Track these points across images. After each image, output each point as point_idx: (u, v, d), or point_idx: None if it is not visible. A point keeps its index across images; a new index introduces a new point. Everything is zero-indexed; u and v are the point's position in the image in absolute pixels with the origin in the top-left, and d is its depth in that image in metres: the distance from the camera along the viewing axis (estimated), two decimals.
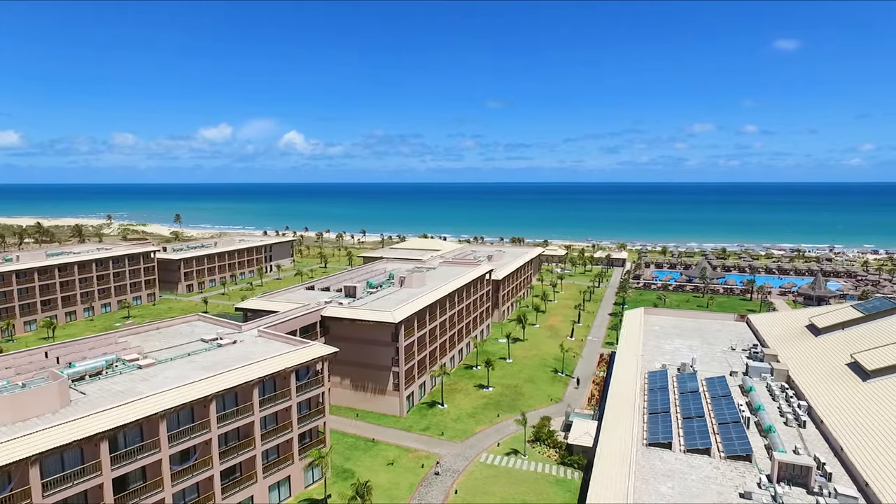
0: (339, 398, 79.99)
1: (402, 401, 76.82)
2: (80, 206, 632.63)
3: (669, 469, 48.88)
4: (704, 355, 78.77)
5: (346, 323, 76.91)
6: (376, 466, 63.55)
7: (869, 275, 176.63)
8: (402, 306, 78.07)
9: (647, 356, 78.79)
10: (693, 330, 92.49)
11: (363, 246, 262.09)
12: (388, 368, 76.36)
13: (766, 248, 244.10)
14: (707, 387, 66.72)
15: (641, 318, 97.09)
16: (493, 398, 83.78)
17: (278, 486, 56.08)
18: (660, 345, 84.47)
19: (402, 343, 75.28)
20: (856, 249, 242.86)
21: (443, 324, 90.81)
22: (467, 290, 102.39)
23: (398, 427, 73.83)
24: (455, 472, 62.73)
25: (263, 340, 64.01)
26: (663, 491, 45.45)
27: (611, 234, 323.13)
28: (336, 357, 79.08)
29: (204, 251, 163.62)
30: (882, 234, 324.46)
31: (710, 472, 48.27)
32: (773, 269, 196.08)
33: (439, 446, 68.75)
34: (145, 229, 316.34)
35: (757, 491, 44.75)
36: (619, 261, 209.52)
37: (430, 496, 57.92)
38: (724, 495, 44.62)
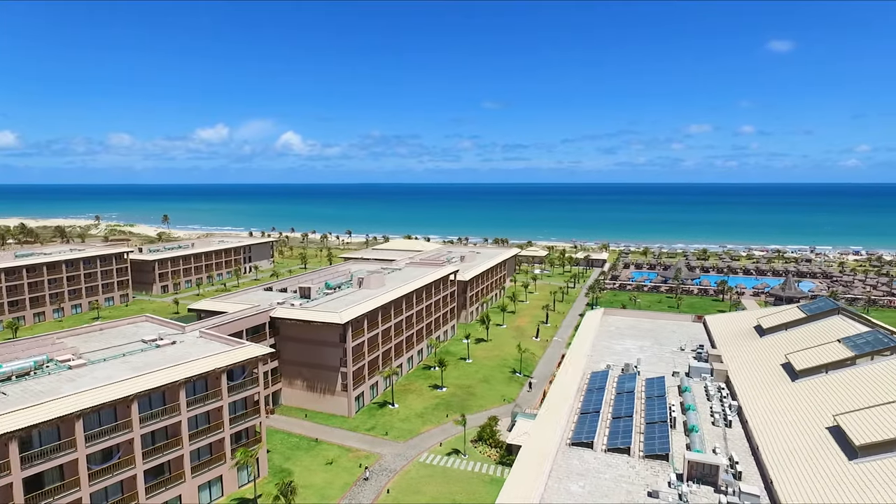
0: (289, 398, 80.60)
1: (351, 401, 77.38)
2: (73, 206, 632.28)
3: (586, 468, 49.47)
4: (652, 356, 79.39)
5: (295, 324, 77.48)
6: (315, 466, 64.10)
7: (844, 276, 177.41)
8: (351, 307, 78.64)
9: (595, 357, 79.43)
10: (648, 331, 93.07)
11: (347, 247, 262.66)
12: (336, 369, 76.90)
13: (748, 249, 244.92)
14: (645, 387, 67.32)
15: (599, 319, 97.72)
16: (444, 399, 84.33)
17: (209, 485, 56.61)
18: (611, 345, 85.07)
19: (349, 344, 75.85)
20: (838, 250, 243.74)
21: (398, 324, 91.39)
22: (428, 290, 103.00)
23: (345, 427, 74.38)
24: (392, 472, 63.32)
25: (204, 341, 64.52)
26: (574, 490, 46.04)
27: (602, 234, 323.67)
28: (286, 358, 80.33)
29: (180, 252, 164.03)
30: (870, 234, 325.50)
31: (625, 471, 48.85)
32: (751, 269, 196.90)
33: (381, 446, 69.33)
34: (132, 230, 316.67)
35: (665, 490, 45.32)
36: (599, 261, 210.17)
37: (362, 496, 58.48)
38: (633, 494, 45.21)
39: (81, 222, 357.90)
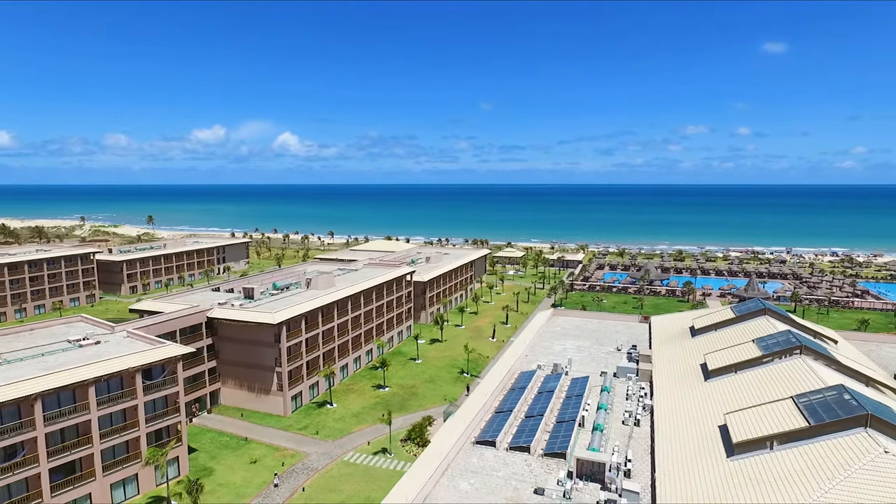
0: (228, 398, 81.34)
1: (287, 401, 78.14)
2: (67, 207, 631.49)
3: (483, 466, 50.24)
4: (587, 356, 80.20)
5: (231, 324, 78.24)
6: (238, 465, 64.85)
7: (813, 277, 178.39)
8: (288, 308, 79.47)
9: (531, 357, 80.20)
10: (592, 331, 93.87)
11: (329, 248, 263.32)
12: (272, 369, 77.68)
13: (726, 250, 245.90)
14: (569, 387, 68.17)
15: (546, 320, 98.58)
16: (385, 398, 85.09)
17: (124, 483, 57.31)
18: (551, 345, 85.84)
19: (283, 344, 76.64)
20: (814, 251, 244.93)
21: (343, 325, 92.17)
22: (378, 291, 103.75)
23: (278, 426, 75.14)
24: (313, 471, 64.08)
25: (129, 341, 65.24)
26: (462, 487, 46.80)
27: (591, 235, 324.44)
28: (225, 358, 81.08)
29: (150, 253, 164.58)
30: (858, 236, 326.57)
31: (520, 469, 49.62)
32: (724, 270, 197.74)
33: (309, 445, 70.10)
34: (116, 231, 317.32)
35: (552, 487, 46.11)
36: (573, 262, 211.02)
37: (276, 494, 59.26)
38: (521, 491, 46.00)
39: (67, 223, 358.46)
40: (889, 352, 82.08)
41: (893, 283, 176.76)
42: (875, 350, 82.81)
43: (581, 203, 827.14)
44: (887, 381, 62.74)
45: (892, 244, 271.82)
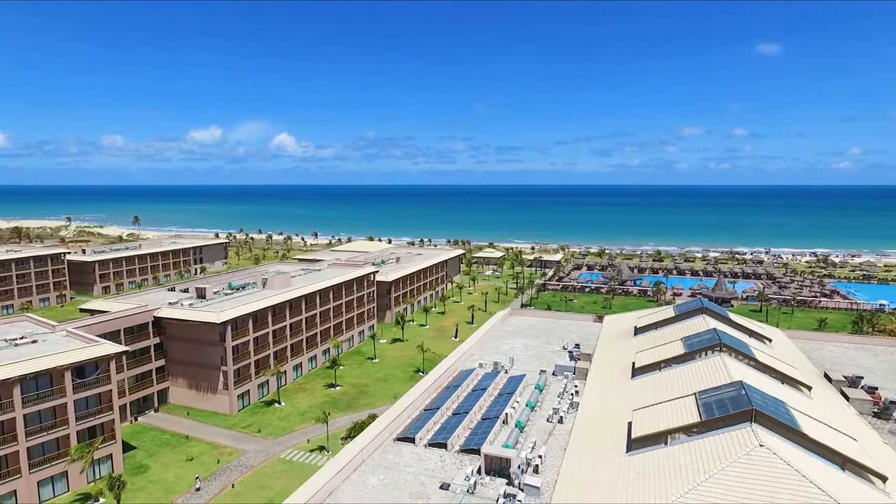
0: (176, 397, 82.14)
1: (233, 399, 78.93)
2: (57, 207, 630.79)
3: (397, 462, 50.97)
4: (532, 355, 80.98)
5: (179, 323, 79.03)
6: (174, 462, 65.63)
7: (784, 277, 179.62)
8: (234, 308, 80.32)
9: (476, 355, 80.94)
10: (545, 330, 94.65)
11: (311, 248, 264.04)
12: (218, 368, 78.48)
13: (705, 251, 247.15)
14: (504, 385, 69.01)
15: (501, 319, 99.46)
16: (334, 397, 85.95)
17: (52, 481, 58.02)
18: (498, 345, 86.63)
19: (229, 343, 77.46)
20: (793, 252, 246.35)
21: (297, 324, 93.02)
22: (337, 291, 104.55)
23: (222, 425, 75.94)
24: (247, 468, 64.89)
25: (67, 340, 65.99)
26: (371, 483, 47.55)
27: (580, 236, 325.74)
28: (173, 357, 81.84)
29: (123, 253, 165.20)
30: (843, 237, 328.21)
31: (434, 465, 50.37)
32: (699, 271, 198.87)
33: (249, 443, 70.92)
34: (101, 231, 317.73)
35: (459, 482, 46.94)
36: (551, 263, 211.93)
37: (207, 491, 60.04)
38: (427, 486, 46.76)
39: (53, 223, 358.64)
40: (831, 350, 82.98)
41: (865, 283, 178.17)
42: (818, 349, 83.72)
43: (576, 204, 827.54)
44: (811, 378, 63.82)
45: (875, 244, 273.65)
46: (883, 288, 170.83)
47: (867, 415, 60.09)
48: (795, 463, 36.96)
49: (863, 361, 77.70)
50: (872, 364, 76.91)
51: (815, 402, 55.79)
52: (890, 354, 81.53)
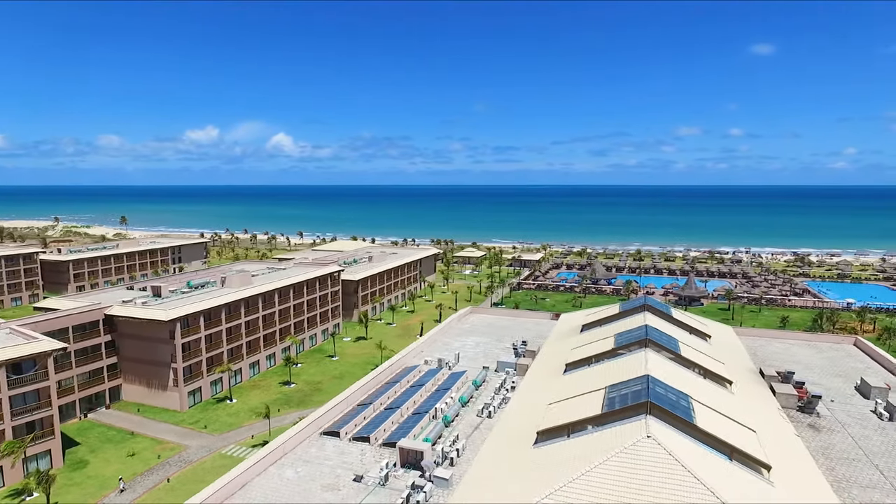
0: (129, 394, 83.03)
1: (183, 396, 79.80)
2: (48, 207, 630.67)
3: (318, 456, 51.88)
4: (481, 352, 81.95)
5: (130, 321, 79.91)
6: (115, 458, 66.47)
7: (757, 276, 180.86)
8: (185, 305, 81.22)
9: (425, 352, 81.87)
10: (501, 328, 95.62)
11: (295, 248, 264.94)
12: (168, 365, 79.36)
13: (686, 250, 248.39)
14: (444, 381, 70.06)
15: (458, 317, 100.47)
16: (287, 394, 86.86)
17: None
18: (450, 342, 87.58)
19: (178, 341, 78.34)
20: (772, 251, 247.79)
21: (254, 322, 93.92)
22: (298, 289, 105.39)
23: (171, 421, 76.81)
24: (186, 463, 65.78)
25: (11, 337, 66.79)
26: (287, 475, 48.40)
27: (568, 236, 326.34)
28: (125, 354, 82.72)
29: (100, 252, 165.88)
30: (829, 237, 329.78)
31: (354, 458, 51.24)
32: (676, 270, 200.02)
33: (194, 438, 71.80)
34: (87, 231, 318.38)
35: (373, 474, 47.92)
36: (531, 262, 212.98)
37: (140, 485, 60.93)
38: (342, 478, 47.72)
39: (42, 223, 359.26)
40: (776, 347, 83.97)
41: (839, 282, 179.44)
42: (765, 346, 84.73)
43: (572, 204, 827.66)
44: (739, 373, 65.07)
45: (860, 244, 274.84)
46: (855, 287, 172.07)
47: (792, 408, 61.33)
48: (679, 453, 37.89)
49: (805, 358, 78.92)
50: (814, 360, 78.17)
51: (735, 397, 56.82)
52: (834, 351, 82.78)
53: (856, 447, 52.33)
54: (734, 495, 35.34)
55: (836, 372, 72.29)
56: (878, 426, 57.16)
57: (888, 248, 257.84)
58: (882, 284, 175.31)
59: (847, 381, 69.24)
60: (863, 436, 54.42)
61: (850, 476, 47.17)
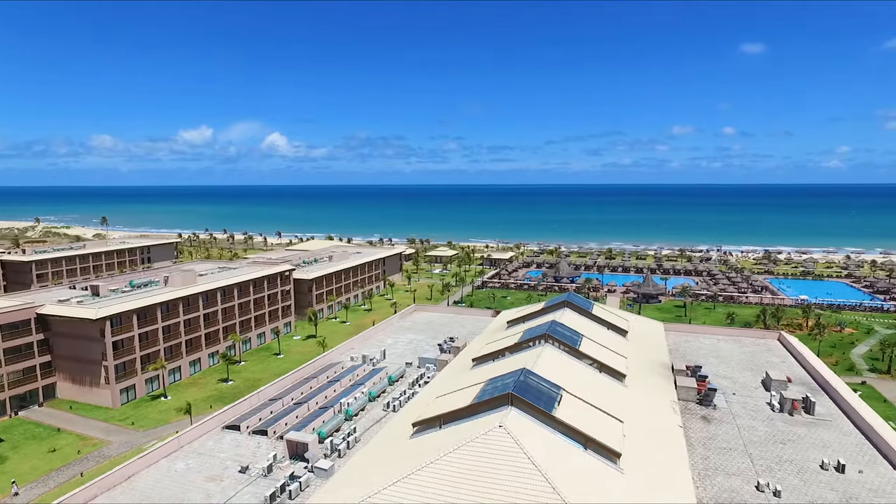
0: (63, 392, 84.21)
1: (115, 393, 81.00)
2: (36, 208, 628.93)
3: (214, 448, 53.15)
4: (411, 349, 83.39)
5: (62, 320, 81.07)
6: (35, 454, 67.63)
7: (719, 273, 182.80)
8: (118, 304, 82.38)
9: (356, 349, 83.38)
10: (441, 325, 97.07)
11: (271, 247, 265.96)
12: (99, 363, 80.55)
13: (658, 249, 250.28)
14: (362, 376, 71.55)
15: (401, 315, 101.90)
16: (223, 391, 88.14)
17: None
18: (384, 338, 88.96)
19: (109, 339, 79.53)
20: (741, 249, 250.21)
21: (195, 320, 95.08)
22: (244, 288, 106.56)
23: (100, 418, 77.99)
24: (105, 458, 67.08)
25: None
26: (177, 467, 49.65)
27: (555, 235, 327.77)
28: (59, 353, 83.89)
29: (65, 253, 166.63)
30: (808, 235, 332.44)
31: (249, 450, 52.49)
32: (643, 268, 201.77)
33: (118, 434, 73.02)
34: (67, 231, 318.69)
35: (259, 465, 49.26)
36: (501, 261, 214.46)
37: (53, 480, 62.17)
38: (229, 469, 49.06)
39: (22, 224, 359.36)
40: (702, 342, 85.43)
41: (801, 280, 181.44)
42: (692, 341, 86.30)
43: (564, 203, 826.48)
44: (647, 367, 66.79)
45: (842, 242, 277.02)
46: (816, 284, 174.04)
47: (692, 401, 62.95)
48: (526, 443, 39.40)
49: (726, 353, 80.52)
50: (734, 355, 79.79)
51: (627, 389, 58.36)
52: (757, 346, 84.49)
53: (738, 437, 53.95)
54: (575, 482, 37.15)
55: (751, 366, 73.95)
56: (767, 417, 58.79)
57: (865, 245, 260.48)
58: (842, 281, 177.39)
59: (757, 375, 70.90)
60: (749, 426, 56.08)
61: (721, 464, 48.73)
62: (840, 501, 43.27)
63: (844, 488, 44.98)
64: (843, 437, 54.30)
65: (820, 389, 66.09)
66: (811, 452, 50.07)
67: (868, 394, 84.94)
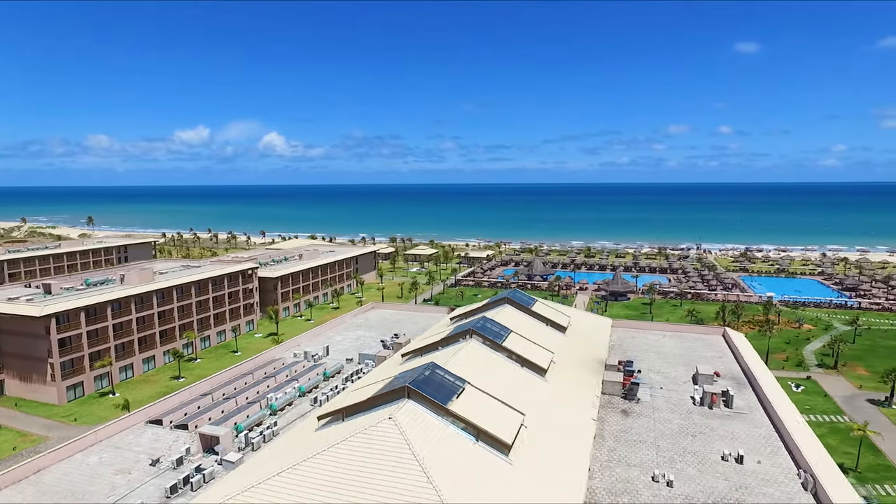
0: (12, 389, 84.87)
1: (61, 390, 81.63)
2: (22, 209, 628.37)
3: (132, 442, 53.71)
4: (355, 346, 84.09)
5: (9, 318, 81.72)
6: None
7: (692, 271, 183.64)
8: (64, 302, 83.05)
9: (302, 345, 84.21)
10: (394, 322, 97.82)
11: (253, 247, 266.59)
12: (45, 360, 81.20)
13: (638, 246, 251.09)
14: (299, 372, 72.37)
15: (354, 313, 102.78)
16: (173, 388, 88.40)
17: None
18: (332, 335, 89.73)
19: (54, 336, 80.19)
20: (719, 247, 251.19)
21: (149, 318, 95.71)
22: (202, 286, 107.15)
23: (44, 415, 78.58)
24: (40, 454, 67.62)
25: None
26: (90, 461, 50.11)
27: (543, 234, 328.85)
28: (7, 350, 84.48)
29: (38, 252, 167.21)
30: (790, 232, 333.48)
31: (165, 443, 53.06)
32: (619, 266, 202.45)
33: (59, 431, 73.59)
34: (53, 231, 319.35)
35: (170, 458, 49.94)
36: (477, 259, 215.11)
37: None
38: (140, 462, 49.73)
39: (8, 224, 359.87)
40: (647, 339, 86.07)
41: (774, 277, 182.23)
42: (637, 337, 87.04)
43: (559, 203, 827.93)
44: (579, 362, 67.68)
45: (823, 240, 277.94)
46: (789, 281, 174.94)
47: (617, 395, 63.79)
48: (413, 435, 40.19)
49: (668, 348, 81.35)
50: (675, 350, 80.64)
51: (547, 384, 59.18)
52: (700, 342, 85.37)
53: (652, 430, 54.78)
54: (457, 474, 38.08)
55: (687, 361, 74.78)
56: (686, 411, 59.63)
57: (848, 244, 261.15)
58: (814, 279, 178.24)
59: (690, 370, 71.85)
60: (665, 420, 56.87)
61: (625, 456, 49.50)
62: (728, 490, 44.12)
63: (738, 478, 45.82)
64: (754, 430, 55.18)
65: (747, 384, 67.00)
66: (718, 444, 50.88)
67: (811, 388, 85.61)
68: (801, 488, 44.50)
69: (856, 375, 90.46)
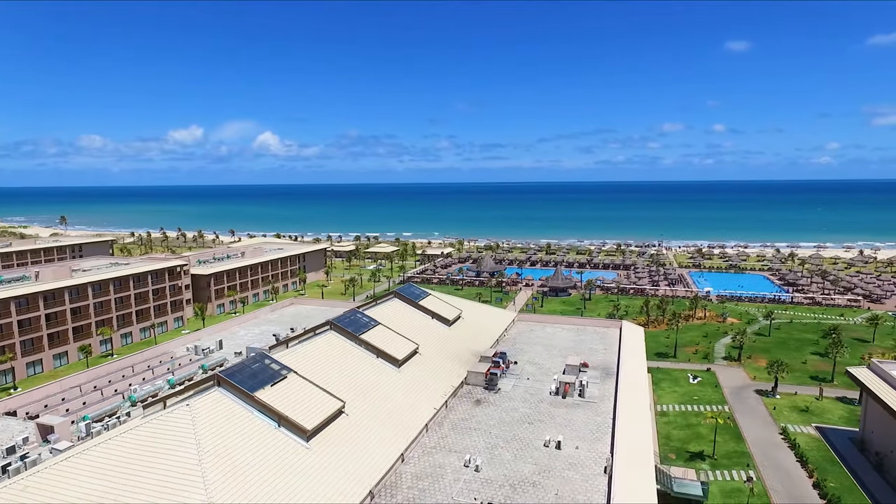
0: None
1: None
2: (16, 209, 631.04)
3: None
4: (252, 341, 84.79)
5: None
6: None
7: (639, 267, 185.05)
8: None
9: (204, 339, 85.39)
10: (305, 317, 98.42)
11: (219, 244, 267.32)
12: None
13: (602, 243, 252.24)
14: (182, 364, 73.42)
15: (274, 307, 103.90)
16: None
17: None
18: (238, 331, 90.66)
19: None
20: (679, 244, 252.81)
21: (60, 314, 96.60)
22: (123, 283, 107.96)
23: None
24: None
25: None
26: None
27: (531, 232, 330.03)
28: None
29: None
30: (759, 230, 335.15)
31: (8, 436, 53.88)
32: (573, 262, 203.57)
33: None
34: (24, 231, 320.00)
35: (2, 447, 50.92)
36: (434, 256, 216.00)
37: None
38: None
39: None
40: (545, 332, 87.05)
41: (724, 272, 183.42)
42: (536, 330, 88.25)
43: (553, 202, 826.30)
44: (452, 354, 69.20)
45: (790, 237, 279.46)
46: (737, 276, 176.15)
47: (480, 385, 64.97)
48: (205, 421, 41.31)
49: (560, 341, 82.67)
50: (565, 343, 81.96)
51: (399, 374, 60.45)
52: (594, 334, 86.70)
53: (493, 418, 55.91)
54: (242, 457, 39.44)
55: (571, 353, 75.84)
56: (539, 400, 60.87)
57: (820, 240, 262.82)
58: (763, 274, 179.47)
59: (567, 361, 72.23)
60: (512, 408, 58.00)
61: (451, 443, 50.59)
62: (531, 474, 45.24)
63: (547, 462, 47.05)
64: (594, 418, 56.35)
65: (614, 374, 68.06)
66: (548, 432, 52.02)
67: (707, 380, 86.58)
68: (603, 472, 45.69)
69: (755, 367, 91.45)
